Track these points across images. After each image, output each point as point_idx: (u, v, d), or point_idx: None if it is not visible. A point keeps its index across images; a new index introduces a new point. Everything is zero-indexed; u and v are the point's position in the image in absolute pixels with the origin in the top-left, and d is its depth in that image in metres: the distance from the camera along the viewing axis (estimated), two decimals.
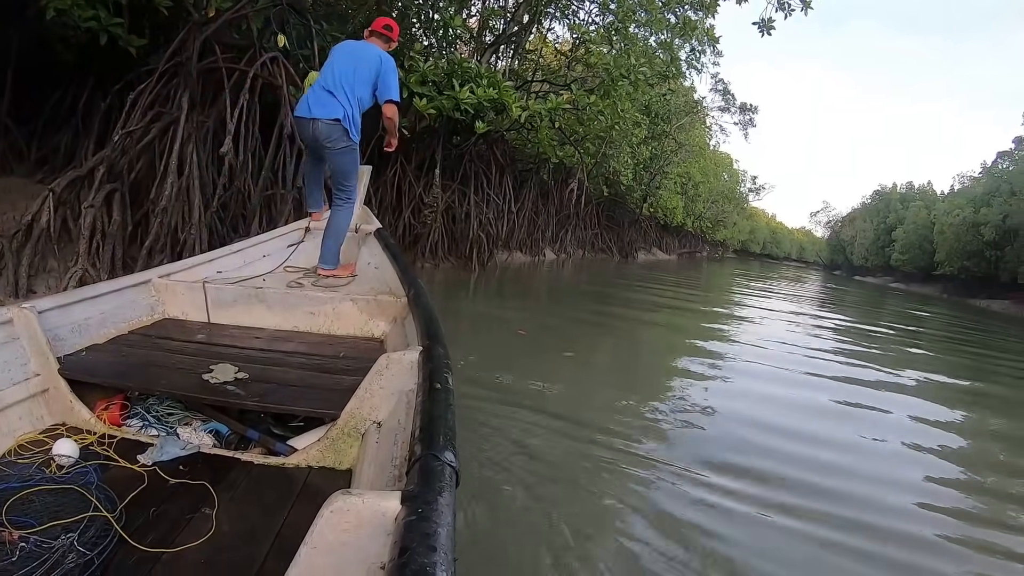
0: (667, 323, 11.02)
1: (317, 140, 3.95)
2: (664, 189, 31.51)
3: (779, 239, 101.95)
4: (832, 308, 19.44)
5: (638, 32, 13.92)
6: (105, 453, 2.00)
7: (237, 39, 7.02)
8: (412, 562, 0.84)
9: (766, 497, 3.55)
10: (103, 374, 2.35)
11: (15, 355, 2.21)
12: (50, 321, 2.39)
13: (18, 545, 1.47)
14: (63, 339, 2.46)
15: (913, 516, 3.63)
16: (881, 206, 58.40)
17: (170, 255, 5.85)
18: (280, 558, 1.52)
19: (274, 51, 6.79)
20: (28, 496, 1.68)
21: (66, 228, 5.49)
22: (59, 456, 1.90)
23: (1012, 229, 30.89)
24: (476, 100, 9.81)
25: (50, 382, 2.24)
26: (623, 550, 2.81)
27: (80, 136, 6.49)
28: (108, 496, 1.72)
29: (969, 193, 39.69)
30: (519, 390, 4.79)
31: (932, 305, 28.97)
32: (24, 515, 1.58)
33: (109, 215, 5.55)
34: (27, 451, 1.97)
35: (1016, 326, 22.55)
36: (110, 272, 5.39)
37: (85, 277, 5.12)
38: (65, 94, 6.62)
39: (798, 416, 5.28)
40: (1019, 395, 8.47)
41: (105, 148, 5.75)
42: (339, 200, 4.17)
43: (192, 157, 6.10)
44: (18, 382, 2.16)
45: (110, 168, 5.65)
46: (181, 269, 3.48)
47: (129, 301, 3.01)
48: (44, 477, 1.79)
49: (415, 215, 11.47)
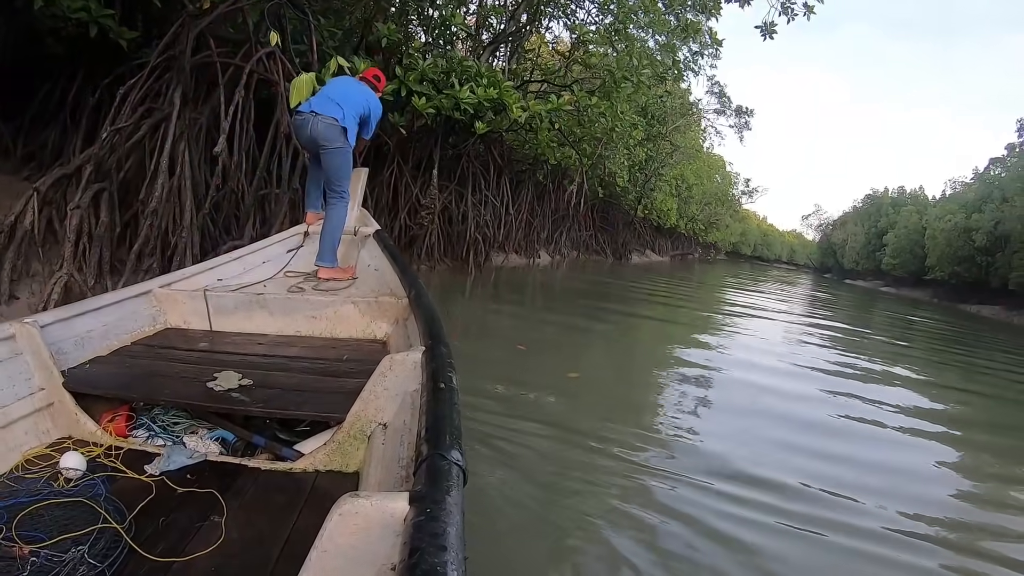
0: (670, 333, 10.88)
1: (314, 138, 4.10)
2: (659, 191, 31.54)
3: (770, 242, 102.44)
4: (826, 312, 19.40)
5: (637, 33, 13.79)
6: (112, 464, 2.02)
7: (232, 34, 6.77)
8: (423, 562, 0.84)
9: (767, 504, 3.57)
10: (107, 386, 2.36)
11: (19, 370, 2.21)
12: (53, 335, 2.40)
13: (29, 560, 1.48)
14: (66, 352, 2.46)
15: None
16: (872, 210, 58.86)
17: (160, 259, 5.58)
18: (290, 563, 1.50)
19: (270, 47, 6.54)
20: (37, 511, 1.68)
21: (51, 229, 5.22)
22: (66, 469, 1.91)
23: (1004, 235, 31.23)
24: (476, 100, 9.62)
25: (55, 396, 2.25)
26: (620, 552, 2.83)
27: (68, 132, 6.18)
28: (117, 507, 1.73)
29: (961, 198, 40.11)
30: (520, 411, 4.61)
31: (923, 309, 29.19)
32: (34, 530, 1.59)
33: (96, 216, 5.26)
34: (34, 466, 1.98)
35: (1007, 332, 22.69)
36: (97, 277, 5.12)
37: (70, 282, 4.84)
38: (54, 88, 6.30)
39: (809, 432, 5.19)
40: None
41: (93, 145, 5.47)
42: (332, 198, 4.28)
43: (184, 156, 5.80)
44: (23, 397, 2.17)
45: (98, 166, 5.36)
46: (181, 278, 3.50)
47: (131, 312, 3.02)
48: (52, 491, 1.80)
49: (411, 216, 11.28)
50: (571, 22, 14.17)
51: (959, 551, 3.40)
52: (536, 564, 2.72)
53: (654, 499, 3.45)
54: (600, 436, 4.27)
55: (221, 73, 6.24)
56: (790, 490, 3.81)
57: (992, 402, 8.26)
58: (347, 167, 4.30)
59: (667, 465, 3.93)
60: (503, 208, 14.93)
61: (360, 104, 4.31)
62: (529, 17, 13.41)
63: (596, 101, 11.69)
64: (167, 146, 5.67)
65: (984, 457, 5.56)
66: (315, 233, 4.40)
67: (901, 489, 4.19)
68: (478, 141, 12.88)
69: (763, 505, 3.53)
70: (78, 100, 6.27)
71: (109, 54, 6.01)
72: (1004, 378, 10.67)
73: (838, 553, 3.16)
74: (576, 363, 6.54)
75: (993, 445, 5.91)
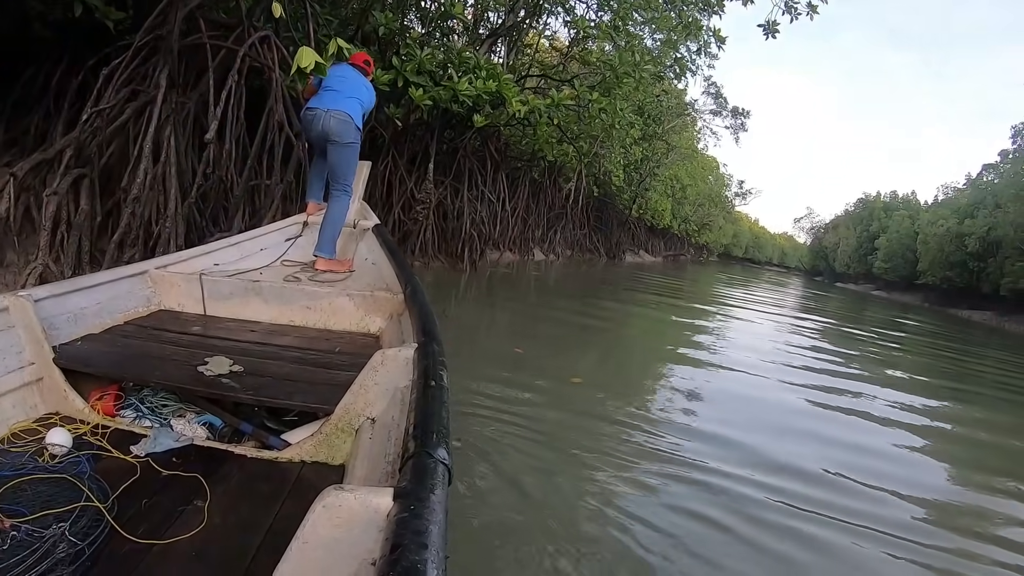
0: (673, 333, 10.67)
1: (325, 133, 4.15)
2: (653, 191, 31.53)
3: (761, 244, 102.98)
4: (819, 314, 19.34)
5: (637, 30, 13.64)
6: (98, 443, 2.00)
7: (224, 18, 6.49)
8: (403, 559, 0.84)
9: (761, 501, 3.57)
10: (98, 364, 2.34)
11: (10, 343, 2.20)
12: (46, 310, 2.39)
13: (9, 533, 1.47)
14: (59, 328, 2.45)
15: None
16: (865, 214, 59.24)
17: (142, 249, 5.31)
18: (271, 552, 1.50)
19: (265, 30, 6.26)
20: (20, 484, 1.67)
21: (28, 217, 4.96)
22: (52, 445, 1.90)
23: (996, 241, 31.44)
24: (475, 92, 9.40)
25: (45, 371, 2.24)
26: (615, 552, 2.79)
27: (52, 117, 5.87)
28: (100, 486, 1.72)
29: (953, 204, 40.38)
30: (518, 416, 4.39)
31: (915, 313, 29.33)
32: (16, 503, 1.58)
33: (76, 204, 5.00)
34: (20, 439, 1.97)
35: (1000, 336, 22.78)
36: (74, 267, 4.85)
37: (46, 273, 4.57)
38: (38, 72, 5.98)
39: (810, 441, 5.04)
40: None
41: (75, 130, 5.20)
42: (336, 191, 4.32)
43: (170, 142, 5.52)
44: (12, 370, 2.16)
45: (79, 151, 5.09)
46: (178, 261, 3.48)
47: (125, 292, 3.01)
48: (36, 466, 1.79)
49: (405, 211, 11.08)
50: (570, 17, 13.95)
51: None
52: (519, 565, 2.63)
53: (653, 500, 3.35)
54: (607, 445, 4.08)
55: (212, 56, 5.93)
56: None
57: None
58: (354, 162, 4.40)
59: (668, 469, 3.81)
60: (499, 205, 14.75)
61: (366, 97, 4.42)
62: (528, 12, 13.17)
63: (597, 97, 11.47)
64: (151, 131, 5.38)
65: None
66: (314, 223, 4.40)
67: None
68: (475, 136, 12.66)
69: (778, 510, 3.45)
70: (62, 84, 5.97)
71: (96, 36, 5.75)
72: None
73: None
74: (576, 367, 6.28)
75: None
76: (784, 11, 12.01)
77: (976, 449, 5.82)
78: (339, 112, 4.13)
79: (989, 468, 5.19)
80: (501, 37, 13.09)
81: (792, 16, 12.11)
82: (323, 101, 4.18)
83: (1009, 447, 6.11)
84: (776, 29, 12.04)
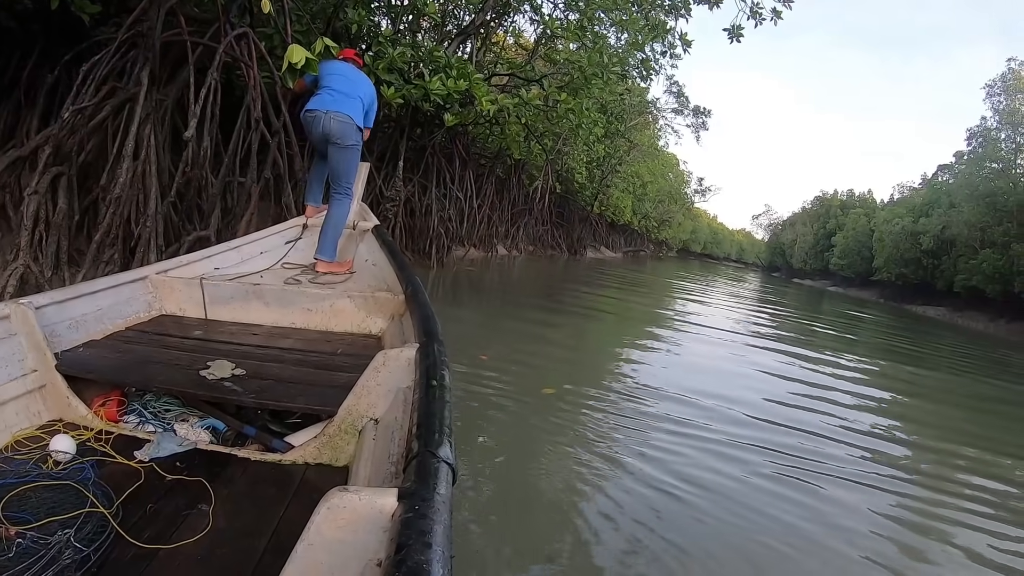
0: (637, 331, 10.86)
1: (327, 135, 4.11)
2: (615, 188, 31.86)
3: (720, 240, 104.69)
4: (780, 308, 19.85)
5: (603, 30, 13.78)
6: (102, 449, 2.00)
7: (199, 13, 6.43)
8: (408, 559, 0.84)
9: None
10: (100, 370, 2.35)
11: (12, 351, 2.20)
12: (47, 317, 2.38)
13: (15, 541, 1.47)
14: (60, 335, 2.45)
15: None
16: (822, 212, 60.76)
17: (122, 249, 5.25)
18: (277, 555, 1.51)
19: (243, 27, 6.23)
20: (25, 492, 1.68)
21: (5, 216, 4.88)
22: (56, 452, 1.91)
23: (950, 239, 32.66)
24: (446, 91, 9.43)
25: (47, 378, 2.24)
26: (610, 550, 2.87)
27: (23, 112, 5.72)
28: (105, 492, 1.72)
29: (909, 203, 41.70)
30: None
31: (870, 308, 30.22)
32: (21, 511, 1.59)
33: (54, 203, 4.93)
34: (24, 447, 1.97)
35: (954, 332, 23.71)
36: (54, 268, 4.79)
37: (27, 273, 4.51)
38: (7, 65, 5.79)
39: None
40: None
41: (51, 126, 5.12)
42: (337, 193, 4.30)
43: (150, 140, 5.46)
44: (15, 378, 2.16)
45: (57, 149, 5.00)
46: (178, 265, 3.49)
47: (126, 298, 3.02)
48: (41, 473, 1.79)
49: (374, 208, 11.00)
50: (537, 16, 14.05)
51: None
52: (524, 564, 2.72)
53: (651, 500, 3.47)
54: (594, 452, 4.15)
55: (191, 52, 5.88)
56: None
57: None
58: (355, 164, 4.36)
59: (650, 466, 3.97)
60: (465, 202, 14.82)
61: (368, 96, 4.36)
62: (498, 11, 13.22)
63: (565, 97, 11.61)
64: (132, 128, 5.31)
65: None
66: (314, 226, 4.41)
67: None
68: (443, 134, 12.69)
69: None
70: (33, 78, 5.81)
71: (69, 30, 5.64)
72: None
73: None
74: (548, 377, 5.98)
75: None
76: (749, 16, 12.37)
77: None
78: (340, 114, 4.08)
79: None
80: (471, 35, 13.10)
81: (757, 21, 12.48)
82: (323, 102, 4.13)
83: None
84: (741, 33, 12.33)
